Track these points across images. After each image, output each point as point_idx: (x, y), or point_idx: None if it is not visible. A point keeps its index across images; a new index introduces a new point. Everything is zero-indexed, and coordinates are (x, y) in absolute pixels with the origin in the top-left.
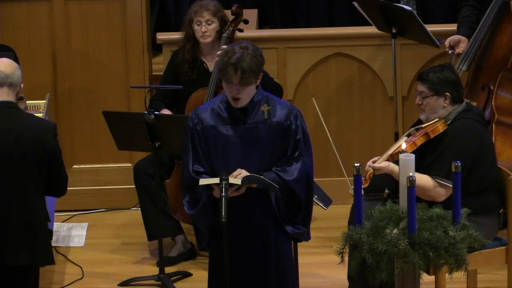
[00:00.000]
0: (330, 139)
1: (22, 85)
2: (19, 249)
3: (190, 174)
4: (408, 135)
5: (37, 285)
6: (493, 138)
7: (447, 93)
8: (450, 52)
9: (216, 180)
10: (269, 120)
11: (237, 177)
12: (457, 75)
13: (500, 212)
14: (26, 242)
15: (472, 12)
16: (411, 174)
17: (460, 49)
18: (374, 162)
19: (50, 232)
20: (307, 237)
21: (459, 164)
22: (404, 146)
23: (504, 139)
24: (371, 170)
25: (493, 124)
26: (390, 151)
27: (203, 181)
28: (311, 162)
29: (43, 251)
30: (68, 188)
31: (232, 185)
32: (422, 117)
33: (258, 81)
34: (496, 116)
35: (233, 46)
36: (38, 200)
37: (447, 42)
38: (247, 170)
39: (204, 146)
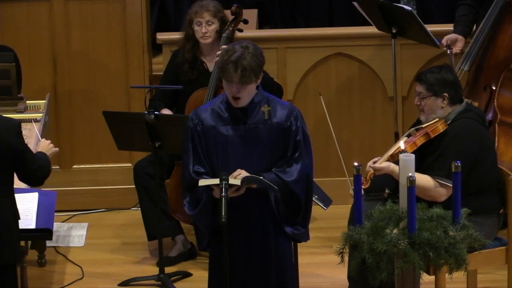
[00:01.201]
0: (335, 137)
1: None
2: None
3: (191, 174)
4: (408, 135)
5: (15, 283)
6: (495, 139)
7: (445, 94)
8: (448, 52)
9: (216, 181)
10: (270, 120)
11: (237, 177)
12: (456, 76)
13: (500, 212)
14: None
15: (468, 11)
16: (411, 174)
17: (457, 48)
18: (374, 162)
19: (49, 232)
20: (306, 238)
21: (459, 164)
22: (403, 146)
23: (507, 139)
24: (372, 171)
25: (496, 124)
26: (391, 152)
27: (203, 182)
28: (311, 163)
29: (10, 250)
30: (68, 188)
31: (232, 185)
32: (422, 118)
33: (259, 81)
34: (498, 116)
35: (234, 45)
36: (4, 198)
37: (444, 41)
38: (247, 171)
39: (204, 146)
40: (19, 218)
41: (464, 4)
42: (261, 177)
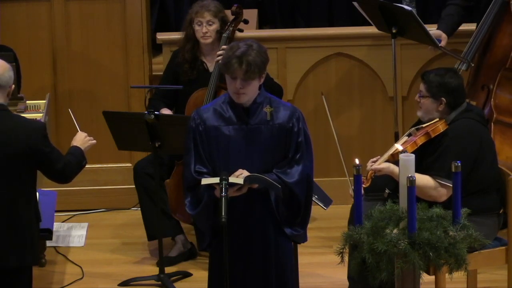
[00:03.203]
0: (336, 138)
1: (13, 86)
2: (6, 251)
3: (192, 174)
4: (409, 135)
5: (30, 285)
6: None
7: (442, 99)
8: (429, 48)
9: (218, 180)
10: (272, 121)
11: (239, 177)
12: (460, 82)
13: (500, 212)
14: (13, 244)
15: (456, 12)
16: (411, 174)
17: (441, 44)
18: (374, 162)
19: (49, 232)
20: (304, 239)
21: (459, 164)
22: (403, 146)
23: (503, 138)
24: (372, 171)
25: (492, 123)
26: (391, 151)
27: (205, 181)
28: (311, 164)
29: (30, 251)
30: (68, 188)
31: (234, 185)
32: (419, 114)
33: (262, 80)
34: (495, 115)
35: (238, 43)
36: (26, 200)
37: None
38: (248, 171)
39: (206, 146)
40: (40, 220)
41: (453, 4)
42: (263, 176)
